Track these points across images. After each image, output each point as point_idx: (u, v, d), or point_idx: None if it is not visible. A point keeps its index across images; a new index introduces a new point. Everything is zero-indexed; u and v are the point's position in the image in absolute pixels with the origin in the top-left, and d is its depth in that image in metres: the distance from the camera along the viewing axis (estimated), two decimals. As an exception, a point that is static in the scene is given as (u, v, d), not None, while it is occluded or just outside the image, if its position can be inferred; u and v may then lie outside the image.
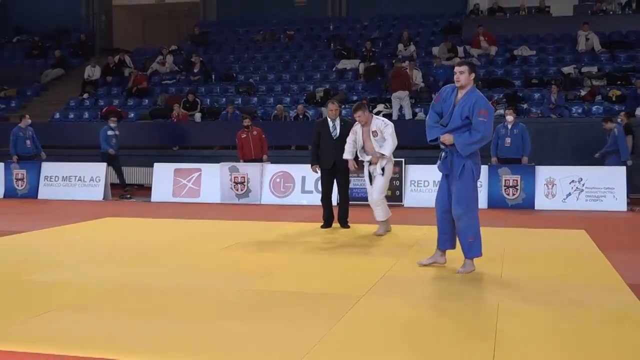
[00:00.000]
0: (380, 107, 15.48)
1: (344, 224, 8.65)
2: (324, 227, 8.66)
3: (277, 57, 19.65)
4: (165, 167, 13.17)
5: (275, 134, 14.55)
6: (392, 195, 11.63)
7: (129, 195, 13.61)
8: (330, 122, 8.55)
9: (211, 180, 12.64)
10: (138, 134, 15.30)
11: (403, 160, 11.87)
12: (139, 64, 20.05)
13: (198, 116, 16.70)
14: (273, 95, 17.65)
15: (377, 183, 7.96)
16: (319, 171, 8.71)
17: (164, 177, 12.97)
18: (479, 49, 17.92)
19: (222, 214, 10.57)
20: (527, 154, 11.66)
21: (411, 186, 11.84)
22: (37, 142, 13.90)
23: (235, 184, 12.44)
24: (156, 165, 13.29)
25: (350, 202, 8.87)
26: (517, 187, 11.42)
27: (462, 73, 5.64)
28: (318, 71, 18.55)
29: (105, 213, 10.62)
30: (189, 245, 7.43)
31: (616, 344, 3.91)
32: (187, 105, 16.71)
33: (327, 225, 8.68)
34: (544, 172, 11.45)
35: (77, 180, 13.43)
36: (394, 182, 11.69)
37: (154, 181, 13.11)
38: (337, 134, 8.45)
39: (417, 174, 11.88)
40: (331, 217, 8.73)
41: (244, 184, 12.40)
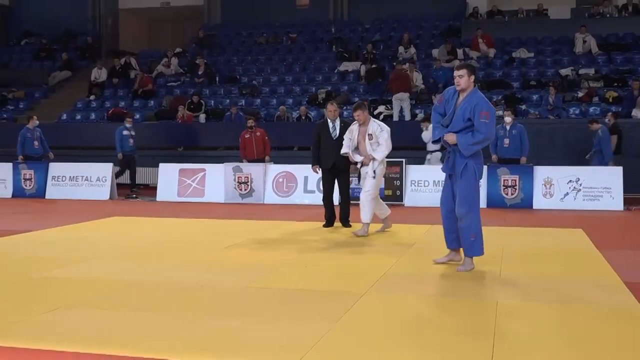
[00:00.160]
0: (381, 109, 15.60)
1: (345, 223, 8.65)
2: (326, 226, 8.71)
3: (280, 60, 19.71)
4: (171, 167, 13.25)
5: (278, 134, 14.65)
6: (392, 195, 11.83)
7: (134, 195, 13.69)
8: (330, 123, 8.55)
9: (215, 180, 12.71)
10: (144, 135, 15.37)
11: (403, 160, 11.97)
12: (145, 66, 20.13)
13: (202, 117, 16.82)
14: (276, 96, 17.73)
15: (366, 184, 7.95)
16: (319, 171, 8.73)
17: (169, 177, 13.04)
18: (478, 51, 17.97)
19: (226, 213, 10.61)
20: (526, 154, 11.73)
21: (411, 186, 11.94)
22: (44, 143, 14.00)
23: (239, 183, 12.54)
24: (161, 165, 13.38)
25: (351, 202, 8.82)
26: (515, 187, 11.49)
27: (461, 77, 5.69)
28: (320, 73, 18.61)
29: (112, 212, 10.68)
30: (193, 244, 7.46)
31: (613, 340, 3.94)
32: (192, 106, 16.81)
33: (329, 225, 8.73)
34: (542, 172, 11.51)
35: (83, 180, 13.50)
36: (395, 182, 11.89)
37: (160, 181, 13.18)
38: (337, 134, 8.44)
39: (417, 174, 11.99)
40: (333, 216, 8.77)
41: (248, 183, 12.50)
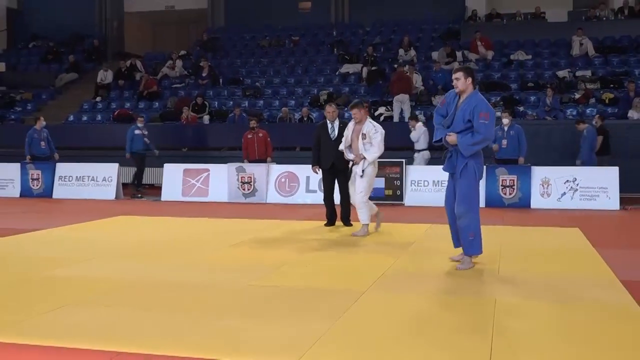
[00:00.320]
0: (381, 110, 15.74)
1: (346, 222, 8.72)
2: (327, 226, 8.79)
3: (282, 62, 19.84)
4: (175, 167, 13.40)
5: (281, 135, 14.81)
6: (392, 194, 12.01)
7: (139, 195, 13.81)
8: (329, 124, 8.61)
9: (219, 180, 12.86)
10: (148, 136, 15.62)
11: (404, 160, 12.13)
12: (150, 69, 20.26)
13: (206, 119, 16.98)
14: (278, 98, 17.85)
15: (358, 186, 7.94)
16: (319, 172, 8.79)
17: (173, 177, 13.19)
18: (477, 53, 18.09)
19: (229, 213, 10.71)
20: (524, 154, 11.87)
21: (411, 186, 12.08)
22: (51, 144, 14.18)
23: (242, 183, 12.69)
24: (166, 165, 13.52)
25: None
26: (513, 187, 11.63)
27: (458, 79, 5.82)
28: (322, 75, 18.75)
29: (117, 212, 10.76)
30: (197, 243, 7.50)
31: (610, 337, 3.97)
32: (196, 108, 16.98)
33: (330, 224, 8.81)
34: (539, 172, 11.64)
35: (90, 180, 13.66)
36: (395, 182, 12.08)
37: (164, 181, 13.33)
38: (336, 135, 8.49)
39: (417, 174, 12.15)
40: (334, 215, 8.84)
41: (251, 183, 12.64)
